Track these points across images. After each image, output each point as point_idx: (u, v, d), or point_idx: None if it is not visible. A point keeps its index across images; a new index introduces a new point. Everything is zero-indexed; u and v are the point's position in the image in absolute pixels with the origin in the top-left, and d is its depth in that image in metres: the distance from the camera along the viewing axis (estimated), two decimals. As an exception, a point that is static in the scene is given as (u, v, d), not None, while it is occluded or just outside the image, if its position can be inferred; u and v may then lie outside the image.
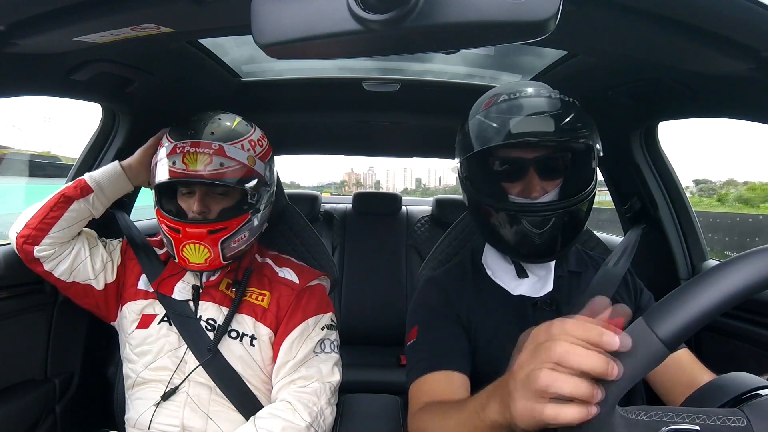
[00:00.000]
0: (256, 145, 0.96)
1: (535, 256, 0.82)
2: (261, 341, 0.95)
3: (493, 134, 0.76)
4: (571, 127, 0.75)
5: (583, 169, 0.80)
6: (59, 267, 0.95)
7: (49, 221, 0.92)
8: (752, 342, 1.05)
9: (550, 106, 0.76)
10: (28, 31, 0.64)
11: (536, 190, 0.77)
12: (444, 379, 0.78)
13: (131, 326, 0.98)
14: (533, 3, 0.38)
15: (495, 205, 0.79)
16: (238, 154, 0.91)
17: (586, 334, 0.41)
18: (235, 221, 0.93)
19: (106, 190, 0.98)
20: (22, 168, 7.42)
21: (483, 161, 0.81)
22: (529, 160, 0.78)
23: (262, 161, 0.96)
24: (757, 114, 0.84)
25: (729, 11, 0.56)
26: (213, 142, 0.90)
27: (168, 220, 0.92)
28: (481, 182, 0.83)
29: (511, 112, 0.76)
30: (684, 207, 1.24)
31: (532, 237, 0.77)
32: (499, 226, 0.80)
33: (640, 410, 0.41)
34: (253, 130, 0.99)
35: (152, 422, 0.91)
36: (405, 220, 2.29)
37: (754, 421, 0.39)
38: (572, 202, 0.77)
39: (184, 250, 0.91)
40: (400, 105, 1.47)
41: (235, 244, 0.94)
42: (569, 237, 0.81)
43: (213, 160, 0.89)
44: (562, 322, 0.42)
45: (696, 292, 0.39)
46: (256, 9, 0.42)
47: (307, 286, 1.02)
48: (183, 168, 0.89)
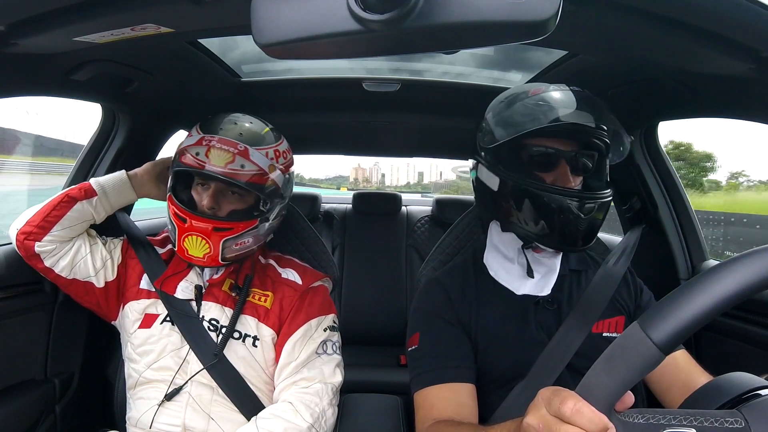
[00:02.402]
0: (280, 156, 0.97)
1: (572, 243, 0.82)
2: (263, 342, 0.95)
3: (544, 115, 0.78)
4: (605, 129, 0.81)
5: (602, 172, 0.85)
6: (60, 263, 0.95)
7: (52, 219, 0.93)
8: (751, 342, 1.05)
9: (593, 105, 0.80)
10: (28, 31, 0.64)
11: (570, 180, 0.80)
12: (450, 391, 0.80)
13: (133, 326, 0.98)
14: (533, 3, 0.38)
15: (543, 188, 0.80)
16: (260, 160, 0.92)
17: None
18: (242, 224, 0.93)
19: (110, 196, 0.98)
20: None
21: (520, 148, 0.83)
22: (564, 152, 0.81)
23: (282, 173, 0.97)
24: (757, 114, 0.84)
25: (729, 11, 0.56)
26: (239, 143, 0.91)
27: (177, 207, 0.92)
28: (516, 169, 0.83)
29: (557, 104, 0.79)
30: (684, 207, 1.24)
31: (576, 222, 0.78)
32: (540, 212, 0.80)
33: (638, 413, 0.41)
34: (281, 142, 1.00)
35: (154, 422, 0.91)
36: (405, 220, 2.29)
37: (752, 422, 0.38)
38: (606, 195, 0.81)
39: (185, 241, 0.92)
40: (400, 105, 1.47)
41: (237, 247, 0.94)
42: (596, 231, 0.83)
43: (236, 160, 0.90)
44: (577, 404, 0.42)
45: (691, 295, 0.39)
46: (256, 9, 0.42)
47: (310, 287, 1.02)
48: (204, 161, 0.90)
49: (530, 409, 0.47)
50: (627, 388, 0.40)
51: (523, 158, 0.83)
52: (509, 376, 0.83)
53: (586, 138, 0.81)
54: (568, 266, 0.90)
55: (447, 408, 0.78)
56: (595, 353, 0.44)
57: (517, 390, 0.81)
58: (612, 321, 0.86)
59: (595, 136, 0.81)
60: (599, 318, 0.84)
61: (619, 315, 0.87)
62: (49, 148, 10.10)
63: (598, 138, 0.81)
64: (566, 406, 0.42)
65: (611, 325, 0.86)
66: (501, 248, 0.90)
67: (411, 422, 1.08)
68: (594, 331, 0.83)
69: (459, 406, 0.78)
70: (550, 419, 0.43)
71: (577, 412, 0.41)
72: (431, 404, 0.79)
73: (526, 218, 0.81)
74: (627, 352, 0.40)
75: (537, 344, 0.83)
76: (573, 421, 0.41)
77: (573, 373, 0.81)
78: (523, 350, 0.83)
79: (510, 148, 0.82)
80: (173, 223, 0.93)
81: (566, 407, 0.42)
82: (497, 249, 0.91)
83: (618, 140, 0.83)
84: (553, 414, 0.43)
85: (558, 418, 0.43)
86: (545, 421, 0.44)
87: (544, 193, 0.79)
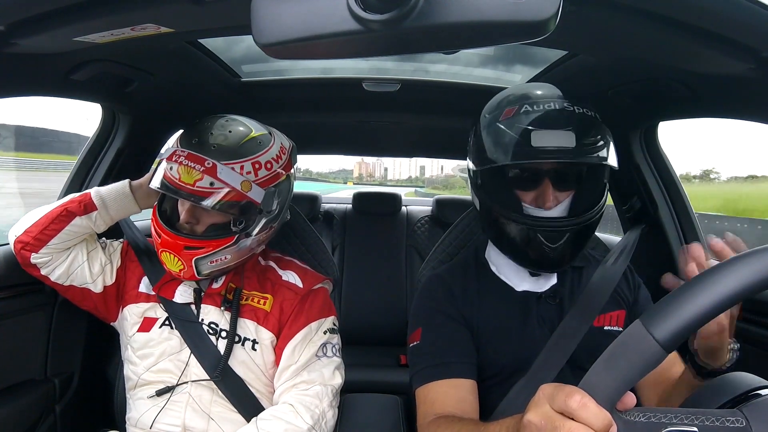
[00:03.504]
0: (261, 168, 0.90)
1: (545, 267, 0.83)
2: (263, 345, 0.95)
3: (514, 147, 0.76)
4: (591, 144, 0.77)
5: (597, 182, 0.82)
6: (55, 272, 0.95)
7: (49, 233, 0.91)
8: (752, 342, 1.05)
9: (572, 120, 0.76)
10: (28, 31, 0.64)
11: (550, 200, 0.79)
12: (452, 387, 0.80)
13: (132, 329, 0.97)
14: (533, 3, 0.38)
15: (510, 216, 0.80)
16: (230, 177, 0.86)
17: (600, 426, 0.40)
18: (215, 242, 0.89)
19: (111, 208, 0.95)
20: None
21: (499, 169, 0.82)
22: (546, 171, 0.79)
23: (261, 187, 0.90)
24: (757, 114, 0.84)
25: (729, 11, 0.56)
26: (207, 159, 0.85)
27: (156, 221, 0.92)
28: (495, 189, 0.83)
29: (532, 125, 0.76)
30: (684, 207, 1.24)
31: (545, 249, 0.78)
32: (511, 235, 0.81)
33: (639, 412, 0.41)
34: (267, 150, 0.93)
35: (154, 422, 0.91)
36: (405, 220, 2.29)
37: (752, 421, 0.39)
38: (586, 218, 0.79)
39: (162, 255, 0.92)
40: (400, 105, 1.47)
41: (213, 264, 0.91)
42: (579, 247, 0.82)
43: (204, 178, 0.86)
44: (584, 398, 0.41)
45: (693, 293, 0.39)
46: (256, 9, 0.42)
47: (311, 290, 1.02)
48: (176, 177, 0.87)
49: (531, 405, 0.46)
50: (629, 386, 0.40)
51: (503, 177, 0.82)
52: (510, 370, 0.83)
53: (568, 157, 0.77)
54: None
55: (448, 404, 0.78)
56: (597, 347, 0.44)
57: (519, 385, 0.81)
58: (613, 315, 0.87)
59: (578, 154, 0.76)
60: (600, 312, 0.85)
61: (620, 309, 0.88)
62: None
63: (582, 155, 0.77)
64: (573, 400, 0.41)
65: (612, 319, 0.87)
66: None
67: (411, 422, 1.09)
68: (595, 325, 0.84)
69: (460, 401, 0.78)
70: (554, 415, 0.43)
71: (583, 407, 0.40)
72: (432, 400, 0.79)
73: (501, 239, 0.84)
74: (629, 350, 0.40)
75: (538, 339, 0.83)
76: (579, 416, 0.40)
77: (574, 369, 0.81)
78: (525, 345, 0.83)
79: (488, 170, 0.82)
80: (153, 236, 0.93)
81: (573, 401, 0.41)
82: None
83: (608, 150, 0.79)
84: (557, 410, 0.43)
85: (561, 415, 0.42)
86: (548, 418, 0.43)
87: (512, 222, 0.79)
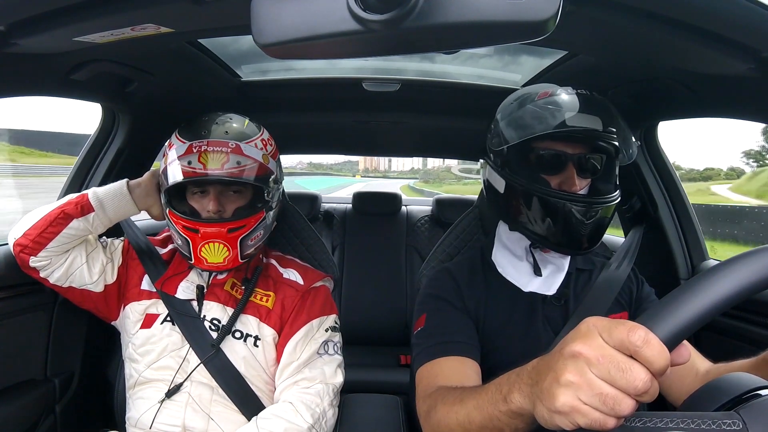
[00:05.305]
0: (267, 144, 0.98)
1: (575, 246, 0.83)
2: (265, 342, 0.95)
3: (552, 119, 0.79)
4: (614, 131, 0.80)
5: (611, 172, 0.85)
6: (54, 274, 0.94)
7: (47, 236, 0.90)
8: (751, 341, 1.05)
9: (601, 108, 0.80)
10: (28, 31, 0.64)
11: (576, 183, 0.80)
12: (457, 364, 0.78)
13: (135, 326, 0.97)
14: (533, 3, 0.38)
15: (547, 192, 0.81)
16: (253, 152, 0.92)
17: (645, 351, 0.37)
18: (252, 219, 0.93)
19: (108, 210, 0.95)
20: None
21: (527, 151, 0.83)
22: (571, 155, 0.81)
23: (273, 159, 0.98)
24: (757, 114, 0.85)
25: (729, 11, 0.56)
26: (229, 141, 0.91)
27: (184, 220, 0.91)
28: (523, 171, 0.84)
29: (566, 107, 0.79)
30: (684, 207, 1.24)
31: (579, 227, 0.79)
32: (544, 215, 0.81)
33: (636, 417, 0.41)
34: (262, 132, 1.00)
35: (154, 422, 0.91)
36: (405, 220, 2.29)
37: (749, 423, 0.38)
38: (612, 199, 0.82)
39: (202, 251, 0.91)
40: (401, 105, 1.47)
41: (252, 242, 0.95)
42: (602, 232, 0.83)
43: (230, 159, 0.89)
44: (648, 334, 0.37)
45: (694, 292, 0.39)
46: (256, 9, 0.42)
47: (312, 287, 1.02)
48: (200, 167, 0.88)
49: (577, 336, 0.41)
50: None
51: (530, 160, 0.83)
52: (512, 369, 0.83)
53: (594, 141, 0.81)
54: (575, 264, 0.92)
55: (452, 377, 0.75)
56: None
57: None
58: (616, 317, 0.87)
59: (602, 139, 0.81)
60: (605, 314, 0.85)
61: (622, 311, 0.89)
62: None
63: (605, 141, 0.81)
64: (637, 335, 0.37)
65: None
66: (509, 246, 0.91)
67: (411, 422, 1.09)
68: None
69: (465, 377, 0.75)
70: (615, 353, 0.38)
71: (647, 343, 0.36)
72: (436, 373, 0.77)
73: (531, 220, 0.83)
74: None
75: (543, 339, 0.83)
76: (643, 353, 0.36)
77: None
78: (529, 345, 0.83)
79: (518, 150, 0.83)
80: (184, 237, 0.91)
81: (637, 336, 0.37)
82: (506, 247, 0.92)
83: (626, 144, 0.83)
84: (614, 346, 0.38)
85: (621, 352, 0.38)
86: (608, 355, 0.38)
87: (547, 197, 0.80)
